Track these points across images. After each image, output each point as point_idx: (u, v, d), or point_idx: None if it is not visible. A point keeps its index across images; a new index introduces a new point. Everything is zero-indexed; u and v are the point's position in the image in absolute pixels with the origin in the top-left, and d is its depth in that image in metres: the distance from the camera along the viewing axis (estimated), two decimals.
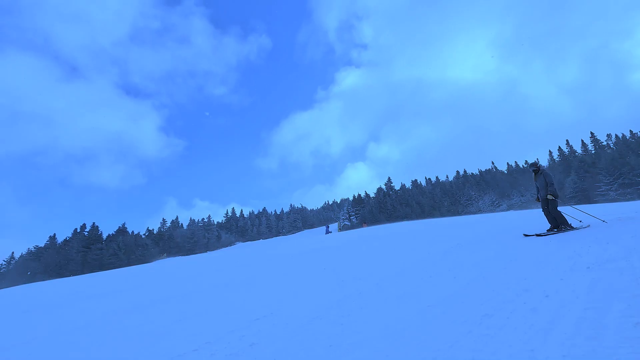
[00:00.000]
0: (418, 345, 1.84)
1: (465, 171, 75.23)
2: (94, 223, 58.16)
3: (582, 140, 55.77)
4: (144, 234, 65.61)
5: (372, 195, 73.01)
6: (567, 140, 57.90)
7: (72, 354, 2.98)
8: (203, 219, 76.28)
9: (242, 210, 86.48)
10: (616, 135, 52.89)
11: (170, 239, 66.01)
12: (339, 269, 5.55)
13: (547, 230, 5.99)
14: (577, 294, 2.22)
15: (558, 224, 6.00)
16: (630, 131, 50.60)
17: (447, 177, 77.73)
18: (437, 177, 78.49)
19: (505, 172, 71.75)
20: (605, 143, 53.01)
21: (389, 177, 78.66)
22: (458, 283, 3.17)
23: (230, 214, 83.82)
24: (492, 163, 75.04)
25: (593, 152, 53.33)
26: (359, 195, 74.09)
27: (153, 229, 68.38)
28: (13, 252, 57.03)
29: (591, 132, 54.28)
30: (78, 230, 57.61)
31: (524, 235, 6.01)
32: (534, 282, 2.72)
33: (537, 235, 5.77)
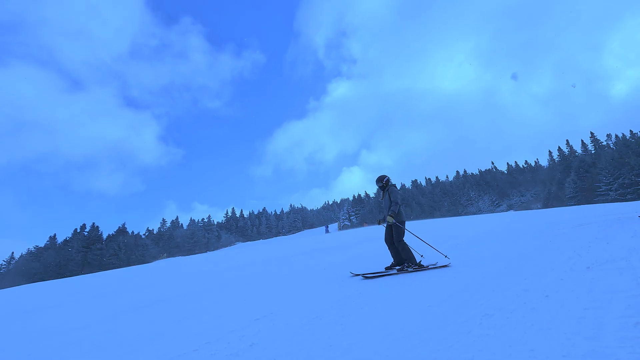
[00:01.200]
0: (418, 345, 1.84)
1: (465, 171, 75.30)
2: (93, 223, 58.03)
3: (582, 141, 55.87)
4: (144, 234, 65.64)
5: (372, 195, 73.07)
6: (567, 140, 58.02)
7: (72, 355, 2.98)
8: (203, 219, 76.31)
9: (242, 211, 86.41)
10: (616, 135, 52.93)
11: (170, 239, 66.01)
12: (339, 269, 5.55)
13: (386, 268, 4.54)
14: (577, 294, 2.22)
15: (402, 259, 4.45)
16: (631, 131, 50.61)
17: (447, 177, 77.81)
18: (437, 177, 78.45)
19: (505, 172, 71.84)
20: (605, 143, 53.04)
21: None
22: (458, 283, 3.17)
23: (230, 214, 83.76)
24: (492, 163, 75.15)
25: (593, 152, 53.35)
26: (359, 195, 74.13)
27: (153, 229, 68.48)
28: (13, 252, 57.06)
29: (591, 132, 54.38)
30: (78, 231, 57.54)
31: (351, 273, 4.64)
32: (534, 282, 2.72)
33: (364, 276, 4.21)
